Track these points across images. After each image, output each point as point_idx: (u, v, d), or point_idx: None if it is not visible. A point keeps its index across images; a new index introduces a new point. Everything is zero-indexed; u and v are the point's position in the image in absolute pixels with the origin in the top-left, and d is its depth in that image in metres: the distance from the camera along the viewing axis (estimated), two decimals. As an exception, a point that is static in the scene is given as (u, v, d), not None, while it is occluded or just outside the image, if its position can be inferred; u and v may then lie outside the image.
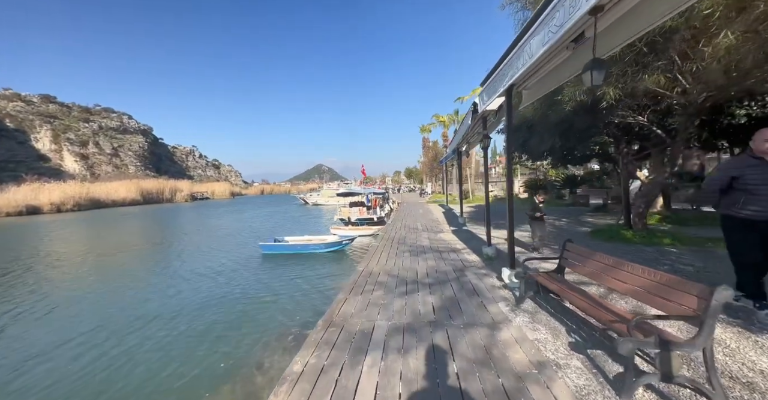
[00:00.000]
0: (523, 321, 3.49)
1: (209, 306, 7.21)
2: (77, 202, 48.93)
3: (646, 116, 6.55)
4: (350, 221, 20.41)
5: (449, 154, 15.40)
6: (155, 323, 6.32)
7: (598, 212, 12.40)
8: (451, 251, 7.48)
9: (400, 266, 6.23)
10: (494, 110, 5.89)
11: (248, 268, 10.84)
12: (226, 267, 11.01)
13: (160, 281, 9.59)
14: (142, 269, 11.68)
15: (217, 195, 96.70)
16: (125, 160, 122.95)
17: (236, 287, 8.57)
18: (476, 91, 28.99)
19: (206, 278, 9.71)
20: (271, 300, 7.36)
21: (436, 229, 11.36)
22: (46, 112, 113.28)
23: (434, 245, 8.16)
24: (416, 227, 12.16)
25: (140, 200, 68.36)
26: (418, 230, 11.08)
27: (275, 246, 13.59)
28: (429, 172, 55.22)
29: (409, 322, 3.61)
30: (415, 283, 5.07)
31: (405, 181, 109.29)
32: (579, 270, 3.59)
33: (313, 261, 11.55)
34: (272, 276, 9.58)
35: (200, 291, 8.34)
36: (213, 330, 5.92)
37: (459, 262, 6.36)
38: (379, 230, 16.09)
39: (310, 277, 9.20)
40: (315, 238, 15.09)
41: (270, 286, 8.57)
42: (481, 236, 9.35)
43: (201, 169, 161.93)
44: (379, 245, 8.49)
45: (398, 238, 9.62)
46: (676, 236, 6.46)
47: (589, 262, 3.46)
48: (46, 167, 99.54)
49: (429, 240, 9.00)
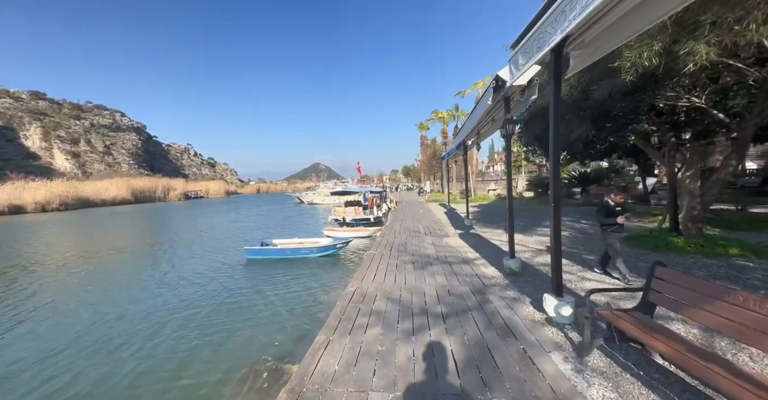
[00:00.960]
0: (603, 396, 2.22)
1: (171, 328, 5.89)
2: (63, 201, 47.17)
3: (703, 97, 5.29)
4: (345, 221, 19.10)
5: (452, 150, 14.11)
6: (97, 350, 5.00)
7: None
8: (463, 261, 6.19)
9: (402, 284, 4.93)
10: (522, 86, 4.59)
11: (228, 277, 9.50)
12: (203, 277, 9.65)
13: (121, 296, 8.23)
14: (108, 279, 10.30)
15: (211, 194, 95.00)
16: (118, 159, 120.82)
17: (209, 302, 7.24)
18: (479, 85, 27.69)
19: (176, 292, 8.36)
20: (246, 323, 6.05)
21: (441, 232, 10.08)
22: (35, 109, 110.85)
23: (441, 254, 6.88)
24: (417, 229, 10.87)
25: (131, 199, 66.58)
26: (420, 234, 9.79)
27: (262, 250, 12.29)
28: (427, 170, 53.98)
29: (421, 394, 2.32)
30: (423, 313, 3.77)
31: (403, 179, 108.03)
32: (682, 310, 2.32)
33: (303, 267, 10.26)
34: (253, 288, 8.25)
35: (163, 310, 7.01)
36: (171, 360, 4.61)
37: (476, 278, 5.07)
38: (376, 232, 14.83)
39: (298, 290, 7.88)
40: (306, 241, 13.79)
41: (248, 302, 7.24)
42: (494, 241, 8.08)
43: (196, 168, 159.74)
44: (376, 253, 7.18)
45: (398, 244, 8.31)
46: (744, 245, 5.21)
47: (694, 296, 2.21)
48: (36, 166, 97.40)
49: (434, 247, 7.72)
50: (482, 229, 10.20)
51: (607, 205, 4.80)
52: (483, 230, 10.05)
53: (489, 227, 10.60)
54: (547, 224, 10.23)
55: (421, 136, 54.52)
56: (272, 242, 13.48)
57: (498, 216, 13.39)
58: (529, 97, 4.69)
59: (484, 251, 7.03)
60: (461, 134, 10.35)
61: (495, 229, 10.01)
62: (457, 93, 28.05)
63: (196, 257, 13.01)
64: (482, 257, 6.47)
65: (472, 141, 10.78)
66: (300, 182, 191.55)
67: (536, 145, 10.56)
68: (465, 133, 9.22)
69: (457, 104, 32.74)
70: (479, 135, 8.60)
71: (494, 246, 7.47)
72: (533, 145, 10.69)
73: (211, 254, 13.35)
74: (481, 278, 5.05)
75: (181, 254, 13.63)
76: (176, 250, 14.70)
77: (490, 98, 4.87)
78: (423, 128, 52.82)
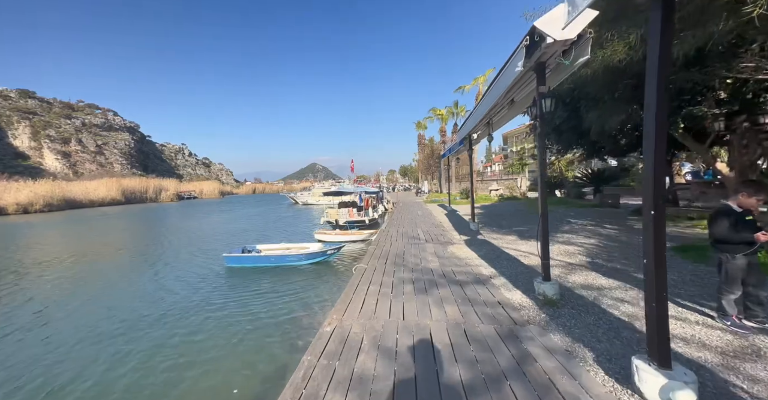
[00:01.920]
0: None
1: (120, 359, 4.52)
2: (48, 202, 45.33)
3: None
4: (338, 224, 17.73)
5: (454, 146, 12.80)
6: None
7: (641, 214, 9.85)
8: (477, 281, 4.84)
9: (399, 319, 3.55)
10: (569, 42, 3.24)
11: (201, 290, 8.15)
12: (168, 292, 8.24)
13: (74, 313, 6.80)
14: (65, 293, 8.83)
15: (205, 194, 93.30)
16: (110, 159, 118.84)
17: (161, 330, 5.83)
18: (479, 80, 26.42)
19: (138, 308, 6.97)
20: (205, 360, 4.66)
21: (444, 238, 8.73)
22: (24, 108, 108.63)
23: (448, 269, 5.52)
24: (417, 235, 9.51)
25: (121, 200, 64.73)
26: (420, 241, 8.42)
27: (243, 258, 10.92)
28: (425, 169, 52.72)
29: None
30: (432, 380, 2.41)
31: (400, 179, 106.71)
32: None
33: (289, 278, 8.97)
34: (224, 307, 6.86)
35: (104, 336, 5.60)
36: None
37: (500, 309, 3.71)
38: (372, 235, 13.52)
39: (278, 309, 6.50)
40: (294, 246, 12.43)
41: (215, 326, 5.85)
42: (509, 250, 6.72)
43: (191, 168, 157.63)
44: (368, 268, 5.81)
45: (395, 254, 6.94)
46: None
47: None
48: (25, 166, 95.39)
49: (438, 258, 6.37)
50: (491, 234, 8.86)
51: (732, 212, 3.03)
52: (492, 235, 8.71)
53: (498, 232, 9.26)
54: (566, 228, 8.90)
55: (419, 135, 53.34)
56: (255, 247, 12.11)
57: (506, 219, 12.07)
58: (578, 60, 3.34)
59: (500, 264, 5.69)
60: (466, 126, 9.02)
61: (506, 235, 8.68)
62: (457, 88, 26.77)
63: (171, 265, 11.63)
64: (500, 274, 5.12)
65: (478, 134, 9.45)
66: (297, 182, 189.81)
67: (553, 138, 9.27)
68: (472, 123, 7.88)
69: (456, 101, 31.48)
70: (491, 124, 7.23)
71: (511, 258, 6.13)
72: (550, 139, 9.39)
73: (188, 262, 11.97)
74: (507, 309, 3.69)
75: (155, 262, 12.23)
76: (152, 256, 13.29)
77: (520, 63, 3.51)
78: (421, 127, 51.61)
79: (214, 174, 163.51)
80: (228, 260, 10.79)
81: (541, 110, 3.73)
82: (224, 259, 10.80)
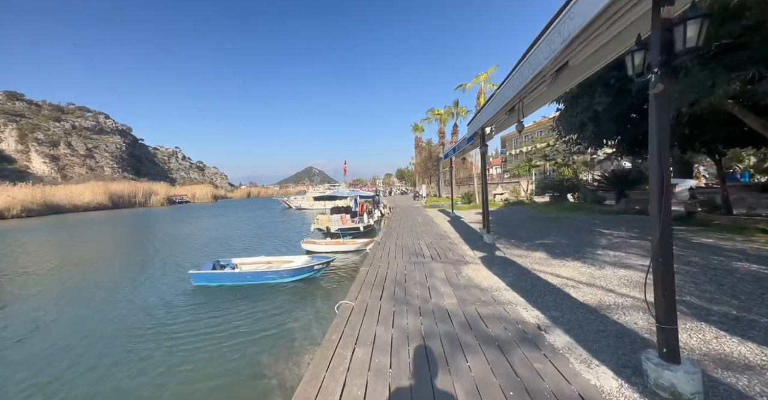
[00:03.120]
0: None
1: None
2: (27, 207, 43.01)
3: None
4: (329, 231, 15.97)
5: (461, 143, 11.15)
6: None
7: (692, 225, 8.23)
8: (524, 339, 3.05)
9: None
10: None
11: (157, 318, 6.44)
12: (117, 319, 6.50)
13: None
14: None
15: (198, 198, 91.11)
16: (101, 162, 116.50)
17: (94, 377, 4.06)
18: (481, 77, 24.91)
19: (71, 343, 5.19)
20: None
21: (454, 254, 7.00)
22: (11, 110, 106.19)
23: (470, 309, 3.78)
24: (420, 249, 7.79)
25: (108, 205, 62.39)
26: (425, 259, 6.69)
27: (213, 275, 9.17)
28: (423, 173, 51.18)
29: None
30: None
31: (396, 183, 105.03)
32: None
33: (266, 299, 7.49)
34: (180, 344, 5.13)
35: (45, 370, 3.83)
36: None
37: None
38: (366, 245, 11.84)
39: (246, 347, 4.77)
40: (276, 260, 10.68)
41: (163, 375, 4.11)
42: (546, 275, 4.97)
43: (184, 172, 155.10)
44: (355, 307, 4.04)
45: (392, 280, 5.17)
46: None
47: None
48: (11, 169, 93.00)
49: (452, 289, 4.63)
50: (512, 249, 7.14)
51: None
52: (513, 251, 7.00)
53: (519, 245, 7.55)
54: (603, 241, 7.22)
55: (416, 137, 51.96)
56: (231, 262, 10.35)
57: (520, 227, 10.38)
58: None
59: (545, 302, 3.95)
60: (480, 119, 7.37)
61: (531, 250, 6.96)
62: (458, 86, 25.21)
63: (132, 282, 9.97)
64: (555, 323, 3.37)
65: (493, 128, 7.78)
66: (293, 186, 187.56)
67: (582, 134, 7.63)
68: (489, 113, 6.23)
69: (456, 100, 29.93)
70: (519, 109, 5.46)
71: (555, 290, 4.39)
72: (578, 132, 7.77)
73: (154, 279, 10.29)
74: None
75: (114, 278, 10.47)
76: (117, 268, 11.61)
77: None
78: (417, 130, 50.23)
79: (209, 178, 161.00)
80: (195, 277, 9.04)
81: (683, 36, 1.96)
82: (191, 277, 9.04)
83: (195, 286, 8.97)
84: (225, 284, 8.99)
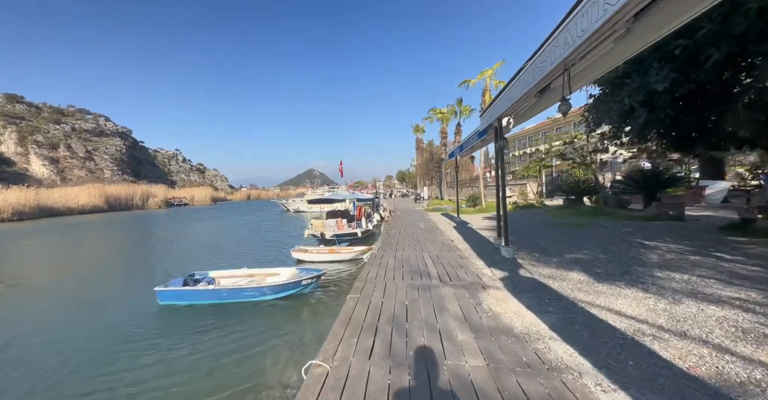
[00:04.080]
0: None
1: None
2: (18, 210, 41.87)
3: None
4: (324, 238, 14.60)
5: (470, 139, 9.79)
6: None
7: (752, 235, 6.82)
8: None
9: None
10: None
11: (101, 349, 5.15)
12: (65, 344, 5.16)
13: None
14: None
15: (197, 201, 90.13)
16: (100, 164, 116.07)
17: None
18: (487, 73, 23.59)
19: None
20: None
21: (467, 274, 5.60)
22: (11, 113, 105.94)
23: (508, 381, 2.36)
24: (424, 266, 6.39)
25: (104, 207, 61.28)
26: (431, 281, 5.28)
27: (183, 293, 7.83)
28: (424, 174, 49.82)
29: None
30: None
31: (397, 185, 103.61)
32: None
33: (245, 322, 6.17)
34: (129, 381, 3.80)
35: None
36: None
37: None
38: (363, 253, 10.52)
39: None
40: (260, 272, 9.33)
41: None
42: (599, 310, 3.47)
43: (184, 174, 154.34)
44: (331, 372, 2.65)
45: (388, 318, 3.71)
46: None
47: None
48: (10, 172, 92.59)
49: (474, 335, 3.16)
50: (539, 268, 5.73)
51: None
52: (541, 270, 5.59)
53: (547, 262, 6.13)
54: (653, 258, 5.81)
55: (417, 139, 50.72)
56: (207, 275, 8.99)
57: (539, 235, 8.97)
58: None
59: (624, 368, 2.48)
60: (498, 106, 6.03)
61: (563, 268, 5.54)
62: (462, 82, 23.84)
63: (97, 297, 8.73)
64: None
65: (511, 119, 6.43)
66: (293, 188, 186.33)
67: (625, 124, 6.24)
68: (514, 96, 4.88)
69: (460, 98, 28.56)
70: (565, 82, 3.95)
71: (631, 342, 2.91)
72: (620, 122, 6.36)
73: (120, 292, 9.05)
74: None
75: (82, 289, 9.22)
76: (86, 280, 10.37)
77: None
78: (418, 131, 48.98)
79: (209, 180, 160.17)
80: (161, 295, 7.70)
81: None
82: (156, 294, 7.68)
83: (161, 305, 7.65)
84: (197, 303, 7.67)
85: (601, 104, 6.16)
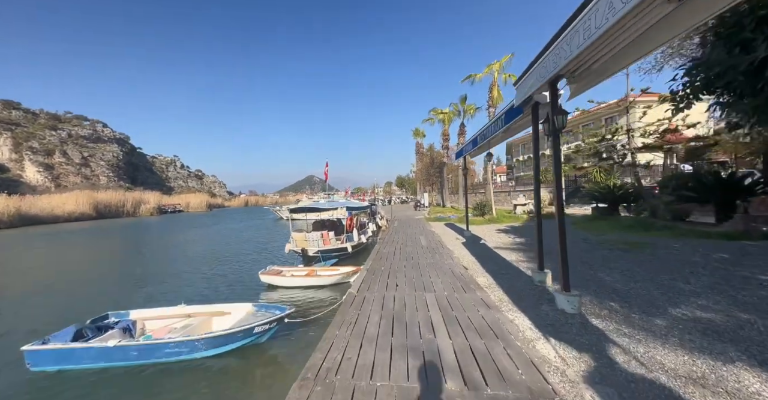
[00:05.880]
0: None
1: None
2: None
3: None
4: (306, 254, 12.05)
5: (492, 127, 7.26)
6: None
7: None
8: None
9: None
10: None
11: None
12: None
13: None
14: None
15: (192, 208, 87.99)
16: (96, 171, 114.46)
17: None
18: (494, 66, 21.16)
19: None
20: None
21: (510, 359, 3.05)
22: (7, 119, 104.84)
23: None
24: (427, 330, 3.83)
25: (92, 215, 58.92)
26: (442, 374, 2.75)
27: (68, 352, 5.18)
28: (424, 180, 47.33)
29: None
30: None
31: (396, 191, 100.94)
32: None
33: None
34: None
35: None
36: None
37: None
38: (349, 276, 8.05)
39: None
40: (201, 311, 6.75)
41: None
42: None
43: (182, 180, 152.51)
44: None
45: None
46: None
47: None
48: (3, 179, 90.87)
49: None
50: (634, 340, 3.17)
51: None
52: (641, 344, 3.05)
53: (641, 324, 3.54)
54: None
55: (417, 143, 48.50)
56: (127, 317, 6.44)
57: (593, 265, 6.32)
58: None
59: None
60: (551, 60, 3.56)
61: (689, 349, 2.98)
62: (466, 77, 21.49)
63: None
64: None
65: (545, 96, 3.92)
66: (292, 195, 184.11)
67: (744, 86, 3.75)
68: (588, 34, 2.38)
69: (464, 95, 26.15)
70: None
71: None
72: (737, 88, 3.89)
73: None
74: None
75: None
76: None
77: None
78: (418, 135, 46.79)
79: (207, 186, 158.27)
80: (34, 357, 5.06)
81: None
82: (25, 356, 5.04)
83: (33, 372, 5.04)
84: (90, 367, 5.08)
85: (714, 64, 3.73)
